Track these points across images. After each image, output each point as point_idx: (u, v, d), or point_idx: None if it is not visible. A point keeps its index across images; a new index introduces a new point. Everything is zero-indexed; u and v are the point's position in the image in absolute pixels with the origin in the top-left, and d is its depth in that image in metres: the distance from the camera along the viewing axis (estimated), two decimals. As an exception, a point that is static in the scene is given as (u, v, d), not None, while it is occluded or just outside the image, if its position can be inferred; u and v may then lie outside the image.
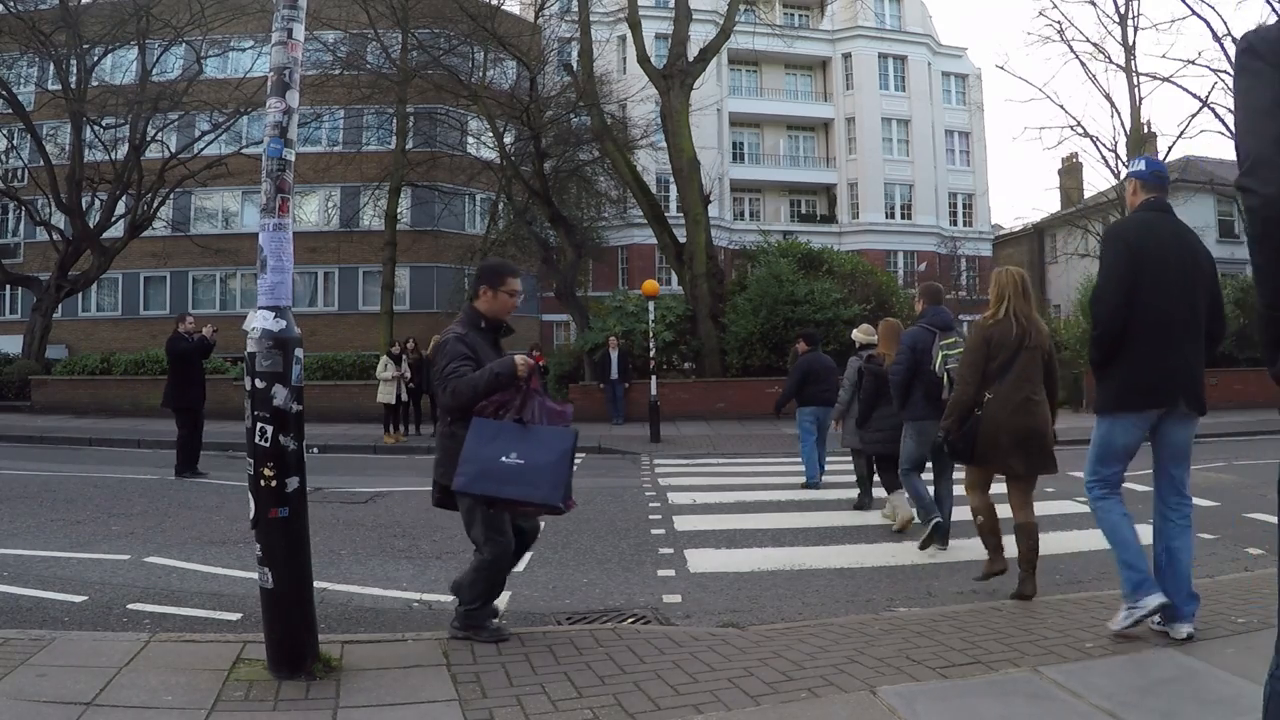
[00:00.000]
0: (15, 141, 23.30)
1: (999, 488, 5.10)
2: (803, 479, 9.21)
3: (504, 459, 3.66)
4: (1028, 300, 4.86)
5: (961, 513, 6.33)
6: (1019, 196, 73.36)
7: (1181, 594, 3.72)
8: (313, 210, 29.83)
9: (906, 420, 6.42)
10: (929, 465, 6.33)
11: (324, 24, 21.30)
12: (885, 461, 7.21)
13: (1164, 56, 73.45)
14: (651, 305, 16.22)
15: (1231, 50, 27.49)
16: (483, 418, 3.72)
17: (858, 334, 8.14)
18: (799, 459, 9.50)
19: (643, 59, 19.81)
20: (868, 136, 39.28)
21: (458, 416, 3.83)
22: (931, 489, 6.41)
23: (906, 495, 6.66)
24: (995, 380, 4.74)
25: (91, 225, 20.91)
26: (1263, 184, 1.68)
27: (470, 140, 26.00)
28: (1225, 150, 54.78)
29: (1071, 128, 43.55)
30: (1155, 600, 3.66)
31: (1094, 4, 40.38)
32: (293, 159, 3.52)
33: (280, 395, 3.35)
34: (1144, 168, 4.11)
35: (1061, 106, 76.64)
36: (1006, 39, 74.87)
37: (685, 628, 3.87)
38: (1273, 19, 30.96)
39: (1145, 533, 3.98)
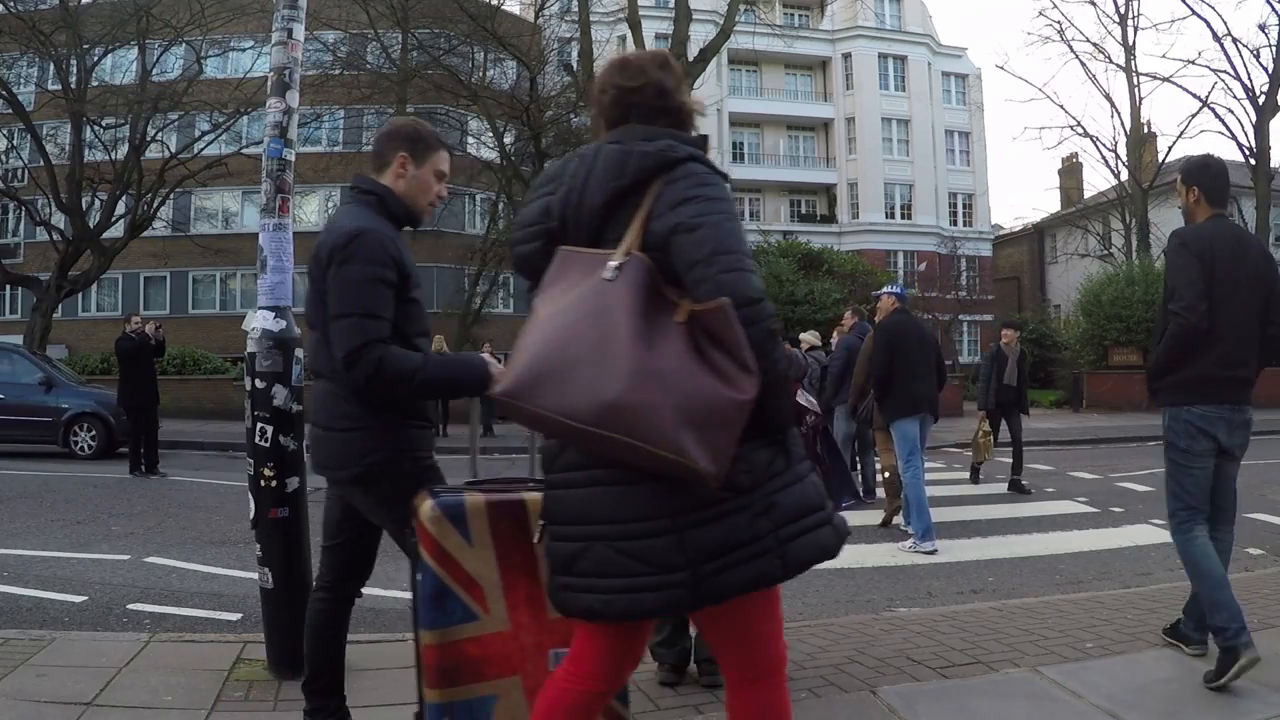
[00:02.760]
0: (15, 141, 23.25)
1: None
2: None
3: None
4: None
5: (952, 514, 7.74)
6: (1019, 196, 73.36)
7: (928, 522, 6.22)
8: (313, 210, 29.78)
9: (836, 404, 8.45)
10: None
11: (324, 24, 21.26)
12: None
13: (1164, 56, 73.79)
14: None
15: (1231, 50, 27.56)
16: None
17: (807, 337, 9.78)
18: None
19: (643, 59, 19.80)
20: (868, 136, 39.22)
21: None
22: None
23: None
24: None
25: (91, 225, 20.87)
26: (1188, 313, 3.25)
27: (470, 140, 25.95)
28: (1225, 150, 54.77)
29: (1071, 128, 43.65)
30: (932, 545, 6.15)
31: (1094, 4, 40.15)
32: (293, 159, 3.52)
33: (280, 395, 3.34)
34: (899, 290, 6.99)
35: (1061, 106, 76.86)
36: (1006, 39, 74.86)
37: (685, 628, 3.87)
38: (1272, 18, 31.02)
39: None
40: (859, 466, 8.69)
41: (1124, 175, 28.54)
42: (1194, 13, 27.29)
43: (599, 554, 1.72)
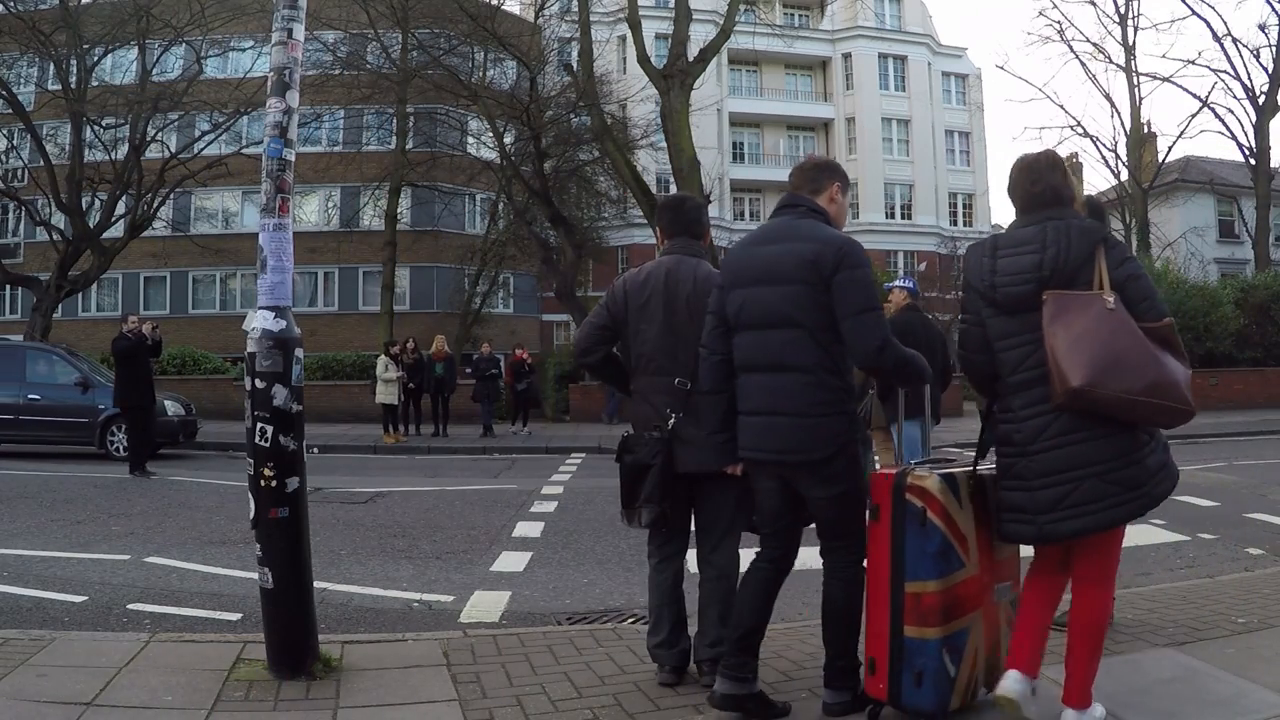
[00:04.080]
0: (15, 141, 23.23)
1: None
2: None
3: None
4: None
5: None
6: (1019, 196, 73.12)
7: None
8: (313, 210, 29.78)
9: None
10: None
11: (324, 24, 21.25)
12: None
13: (1164, 56, 73.89)
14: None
15: (1231, 50, 27.58)
16: None
17: None
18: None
19: (643, 59, 19.77)
20: (868, 136, 39.24)
21: None
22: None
23: None
24: None
25: (91, 225, 20.85)
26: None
27: (470, 140, 25.93)
28: (1225, 150, 54.83)
29: (1071, 128, 43.72)
30: None
31: (1094, 4, 40.36)
32: (293, 159, 3.52)
33: (280, 395, 3.35)
34: (912, 285, 6.97)
35: (1061, 106, 77.17)
36: (1006, 39, 74.84)
37: (685, 628, 3.86)
38: (1272, 18, 31.00)
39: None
40: None
41: (1124, 175, 28.55)
42: (1194, 13, 27.32)
43: (1091, 487, 2.62)
